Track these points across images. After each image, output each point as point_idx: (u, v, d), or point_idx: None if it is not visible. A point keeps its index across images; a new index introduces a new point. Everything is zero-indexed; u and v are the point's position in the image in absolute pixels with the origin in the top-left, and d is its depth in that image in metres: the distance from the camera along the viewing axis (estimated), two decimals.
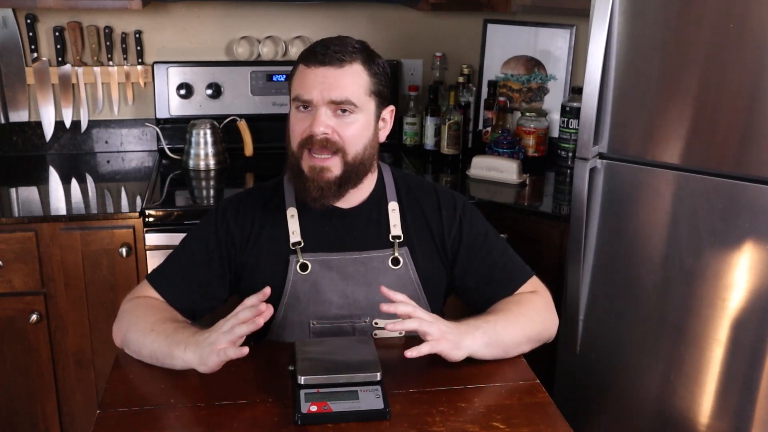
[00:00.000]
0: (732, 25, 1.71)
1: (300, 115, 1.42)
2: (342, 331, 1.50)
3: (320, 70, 1.39)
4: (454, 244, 1.55)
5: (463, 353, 1.33)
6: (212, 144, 2.49)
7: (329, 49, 1.39)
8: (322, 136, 1.39)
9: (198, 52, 2.65)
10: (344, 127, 1.40)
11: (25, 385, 2.18)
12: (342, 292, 1.49)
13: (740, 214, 1.79)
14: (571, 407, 1.91)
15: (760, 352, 1.82)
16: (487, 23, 2.74)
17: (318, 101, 1.38)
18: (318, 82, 1.38)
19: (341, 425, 1.21)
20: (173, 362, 1.31)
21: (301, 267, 1.48)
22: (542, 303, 1.52)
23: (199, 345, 1.27)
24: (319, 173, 1.41)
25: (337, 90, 1.38)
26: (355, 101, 1.40)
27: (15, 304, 2.10)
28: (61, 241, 2.08)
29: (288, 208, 1.51)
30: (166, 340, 1.33)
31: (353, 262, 1.50)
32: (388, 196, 1.54)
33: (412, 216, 1.55)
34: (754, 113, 1.72)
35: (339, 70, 1.39)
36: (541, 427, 1.23)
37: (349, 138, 1.41)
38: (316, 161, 1.41)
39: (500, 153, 2.56)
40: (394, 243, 1.51)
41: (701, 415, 1.93)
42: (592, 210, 2.00)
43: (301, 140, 1.41)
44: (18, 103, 2.56)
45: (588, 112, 1.90)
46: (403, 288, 1.50)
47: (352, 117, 1.41)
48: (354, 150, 1.42)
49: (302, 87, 1.40)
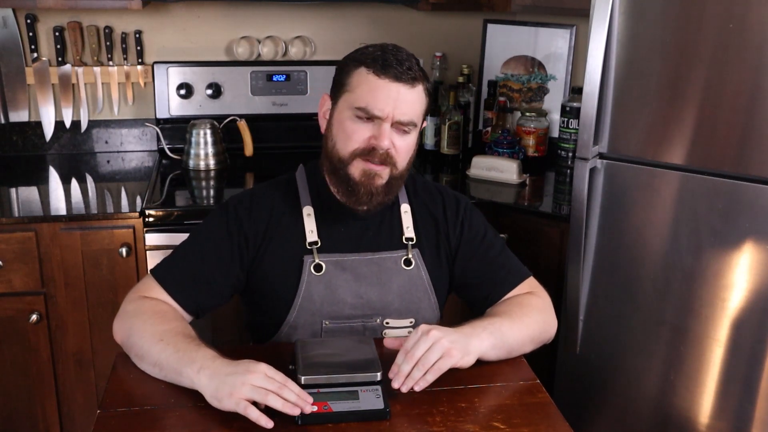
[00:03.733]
0: (732, 25, 1.71)
1: (361, 124, 1.41)
2: (353, 330, 1.50)
3: (394, 86, 1.38)
4: (455, 244, 1.56)
5: (473, 357, 1.33)
6: (212, 144, 2.49)
7: (403, 66, 1.39)
8: (384, 152, 1.40)
9: (198, 52, 2.65)
10: (400, 143, 1.42)
11: (25, 385, 2.18)
12: (356, 293, 1.49)
13: (740, 214, 1.79)
14: (571, 407, 1.91)
15: (760, 352, 1.82)
16: (487, 23, 2.74)
17: (388, 118, 1.39)
18: (391, 98, 1.38)
19: (341, 425, 1.21)
20: (179, 379, 1.27)
21: (315, 268, 1.48)
22: (542, 304, 1.53)
23: (218, 376, 1.21)
24: (371, 179, 1.42)
25: (408, 112, 1.40)
26: (416, 122, 1.43)
27: (15, 304, 2.10)
28: (61, 241, 2.08)
29: (304, 206, 1.51)
30: (176, 354, 1.27)
31: (367, 262, 1.50)
32: (400, 198, 1.55)
33: (421, 218, 1.56)
34: (754, 113, 1.73)
35: (411, 90, 1.40)
36: (541, 427, 1.23)
37: (402, 154, 1.44)
38: (371, 167, 1.41)
39: (500, 153, 2.56)
40: (407, 245, 1.53)
41: (701, 415, 1.93)
42: (592, 210, 2.00)
43: (360, 149, 1.41)
44: (18, 103, 2.56)
45: (588, 112, 1.90)
46: (415, 288, 1.52)
47: (409, 135, 1.43)
48: (403, 164, 1.45)
49: (374, 100, 1.38)
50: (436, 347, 1.27)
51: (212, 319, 2.12)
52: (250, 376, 1.19)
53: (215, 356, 1.25)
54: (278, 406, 1.18)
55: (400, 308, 1.51)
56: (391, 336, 1.48)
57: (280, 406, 1.18)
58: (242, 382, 1.19)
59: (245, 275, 1.50)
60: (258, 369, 1.20)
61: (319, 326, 1.49)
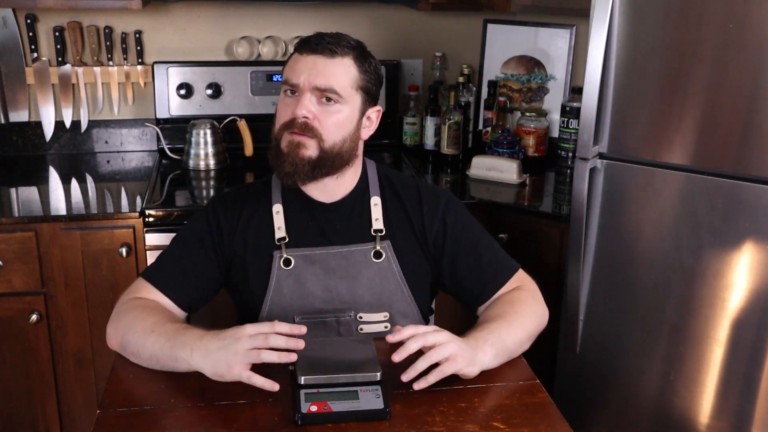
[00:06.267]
0: (732, 25, 1.71)
1: (287, 100, 1.45)
2: (326, 325, 1.51)
3: (311, 57, 1.43)
4: (437, 239, 1.56)
5: (477, 369, 1.33)
6: (212, 144, 2.49)
7: (323, 40, 1.44)
8: (303, 120, 1.42)
9: (198, 52, 2.65)
10: (326, 115, 1.43)
11: (25, 385, 2.18)
12: (325, 286, 1.50)
13: (740, 214, 1.79)
14: (571, 407, 1.91)
15: (760, 352, 1.82)
16: (487, 23, 2.73)
17: (304, 86, 1.42)
18: (307, 68, 1.42)
19: (341, 425, 1.21)
20: (177, 365, 1.30)
21: (284, 262, 1.50)
22: (531, 297, 1.53)
23: (210, 353, 1.25)
24: (295, 148, 1.43)
25: (324, 78, 1.41)
26: (339, 91, 1.43)
27: (15, 304, 2.10)
28: (61, 241, 2.08)
29: (274, 204, 1.54)
30: (168, 342, 1.31)
31: (335, 256, 1.51)
32: (371, 191, 1.56)
33: (394, 210, 1.56)
34: (754, 113, 1.73)
35: (329, 60, 1.43)
36: (541, 427, 1.23)
37: (329, 126, 1.44)
38: (294, 137, 1.43)
39: (500, 153, 2.56)
40: (375, 237, 1.53)
41: (701, 415, 1.93)
42: (592, 210, 2.00)
43: (284, 123, 1.45)
44: (18, 103, 2.56)
45: (588, 112, 1.90)
46: (386, 281, 1.52)
47: (336, 107, 1.44)
48: (332, 139, 1.44)
49: (292, 71, 1.44)
50: (445, 347, 1.28)
51: (211, 317, 2.12)
52: (238, 344, 1.23)
53: (202, 334, 1.29)
54: (274, 359, 1.21)
55: (372, 302, 1.52)
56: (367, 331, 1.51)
57: (276, 358, 1.21)
58: (234, 352, 1.23)
59: (224, 267, 1.54)
60: (243, 333, 1.24)
61: (292, 321, 1.49)
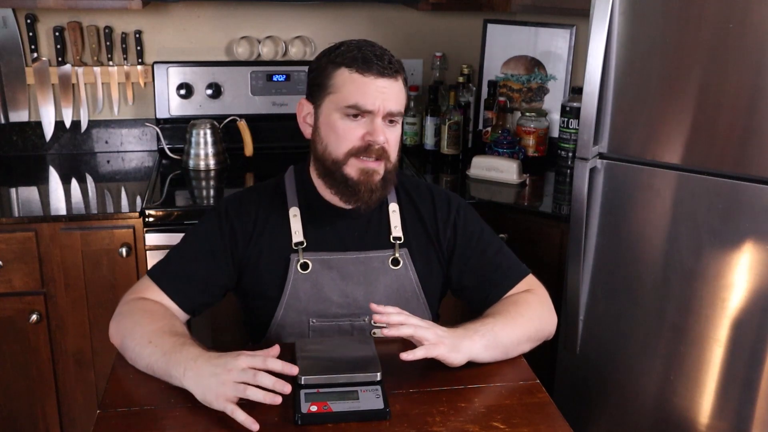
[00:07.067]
0: (732, 25, 1.71)
1: (351, 124, 1.42)
2: (341, 329, 1.50)
3: (380, 81, 1.40)
4: (449, 245, 1.56)
5: (463, 356, 1.33)
6: (212, 144, 2.49)
7: (384, 61, 1.41)
8: (380, 147, 1.42)
9: (198, 52, 2.65)
10: (391, 135, 1.44)
11: (25, 385, 2.18)
12: (342, 292, 1.50)
13: (740, 214, 1.79)
14: (571, 407, 1.91)
15: (760, 352, 1.82)
16: (487, 23, 2.74)
17: (378, 112, 1.40)
18: (380, 92, 1.40)
19: (341, 425, 1.21)
20: (170, 380, 1.28)
21: (301, 266, 1.49)
22: (538, 301, 1.52)
23: (201, 377, 1.21)
24: (370, 176, 1.43)
25: (395, 103, 1.42)
26: (403, 112, 1.46)
27: (15, 304, 2.10)
28: (61, 241, 2.08)
29: (290, 207, 1.52)
30: (164, 357, 1.28)
31: (353, 261, 1.50)
32: (388, 197, 1.55)
33: (410, 217, 1.56)
34: (754, 113, 1.73)
35: (394, 83, 1.42)
36: (541, 427, 1.23)
37: (393, 146, 1.46)
38: (368, 164, 1.43)
39: (500, 153, 2.56)
40: (394, 244, 1.53)
41: (701, 415, 1.93)
42: (592, 210, 2.00)
43: (355, 148, 1.42)
44: (18, 103, 2.56)
45: (588, 112, 1.90)
46: (403, 288, 1.52)
47: (397, 127, 1.46)
48: (394, 156, 1.47)
49: (363, 96, 1.40)
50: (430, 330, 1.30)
51: (212, 319, 2.12)
52: (228, 375, 1.19)
53: (198, 355, 1.25)
54: (259, 398, 1.17)
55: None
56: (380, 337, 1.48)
57: (261, 397, 1.17)
58: (223, 381, 1.19)
59: (236, 274, 1.52)
60: (236, 365, 1.19)
61: (306, 325, 1.50)
